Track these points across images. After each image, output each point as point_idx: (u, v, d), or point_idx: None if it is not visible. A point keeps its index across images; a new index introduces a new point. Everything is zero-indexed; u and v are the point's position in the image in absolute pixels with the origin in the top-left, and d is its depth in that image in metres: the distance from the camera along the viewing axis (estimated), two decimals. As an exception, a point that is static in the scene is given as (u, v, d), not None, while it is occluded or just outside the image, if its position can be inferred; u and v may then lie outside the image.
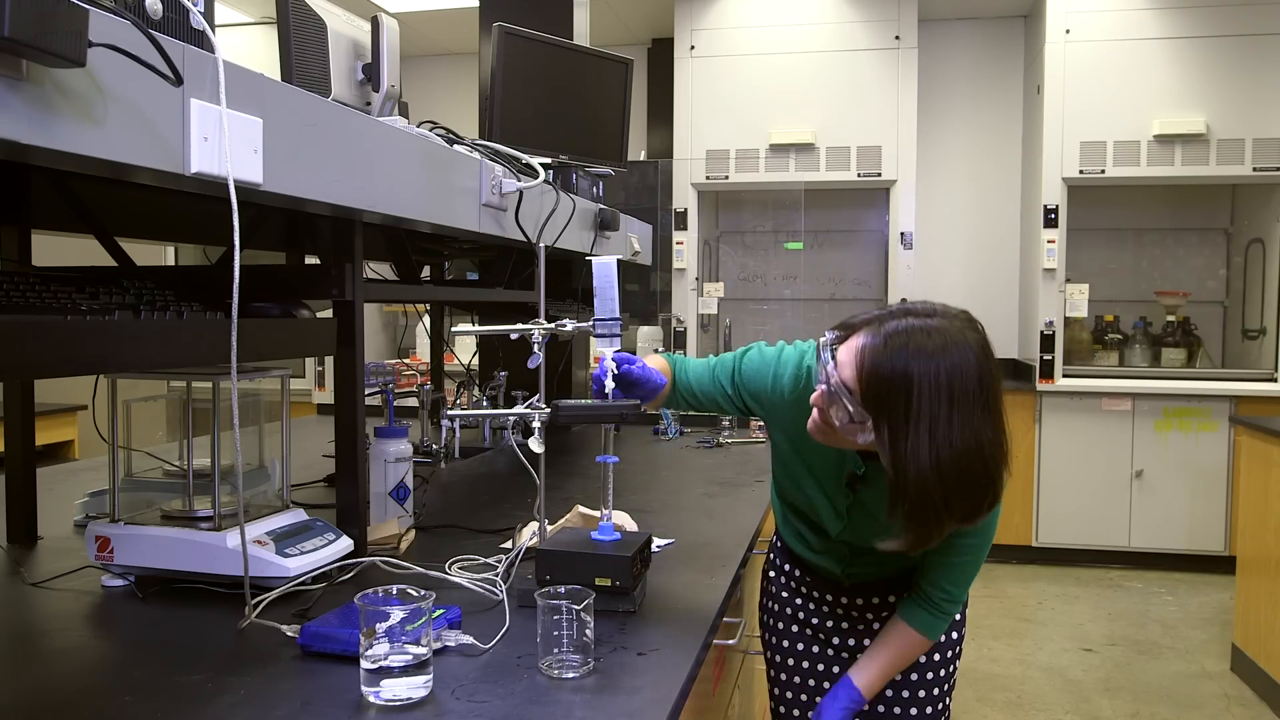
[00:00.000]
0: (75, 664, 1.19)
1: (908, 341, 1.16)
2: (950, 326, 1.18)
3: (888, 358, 1.16)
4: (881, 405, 1.17)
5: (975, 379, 1.16)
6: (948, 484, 1.15)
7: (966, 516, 1.20)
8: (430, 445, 2.56)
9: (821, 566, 1.60)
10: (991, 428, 1.17)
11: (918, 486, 1.16)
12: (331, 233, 1.55)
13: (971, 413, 1.15)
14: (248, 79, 1.11)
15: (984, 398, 1.16)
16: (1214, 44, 4.68)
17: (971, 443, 1.15)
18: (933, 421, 1.14)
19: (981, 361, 1.17)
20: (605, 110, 2.69)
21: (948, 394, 1.14)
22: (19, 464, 1.66)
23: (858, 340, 1.21)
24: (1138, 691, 3.40)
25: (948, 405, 1.14)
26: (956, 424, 1.14)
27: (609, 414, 1.36)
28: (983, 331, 1.22)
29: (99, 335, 1.05)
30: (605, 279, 1.39)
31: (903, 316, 1.20)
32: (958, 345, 1.16)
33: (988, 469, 1.17)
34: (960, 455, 1.14)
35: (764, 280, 5.65)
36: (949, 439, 1.14)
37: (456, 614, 1.25)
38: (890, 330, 1.18)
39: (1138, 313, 5.17)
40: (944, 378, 1.14)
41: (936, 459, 1.14)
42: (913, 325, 1.18)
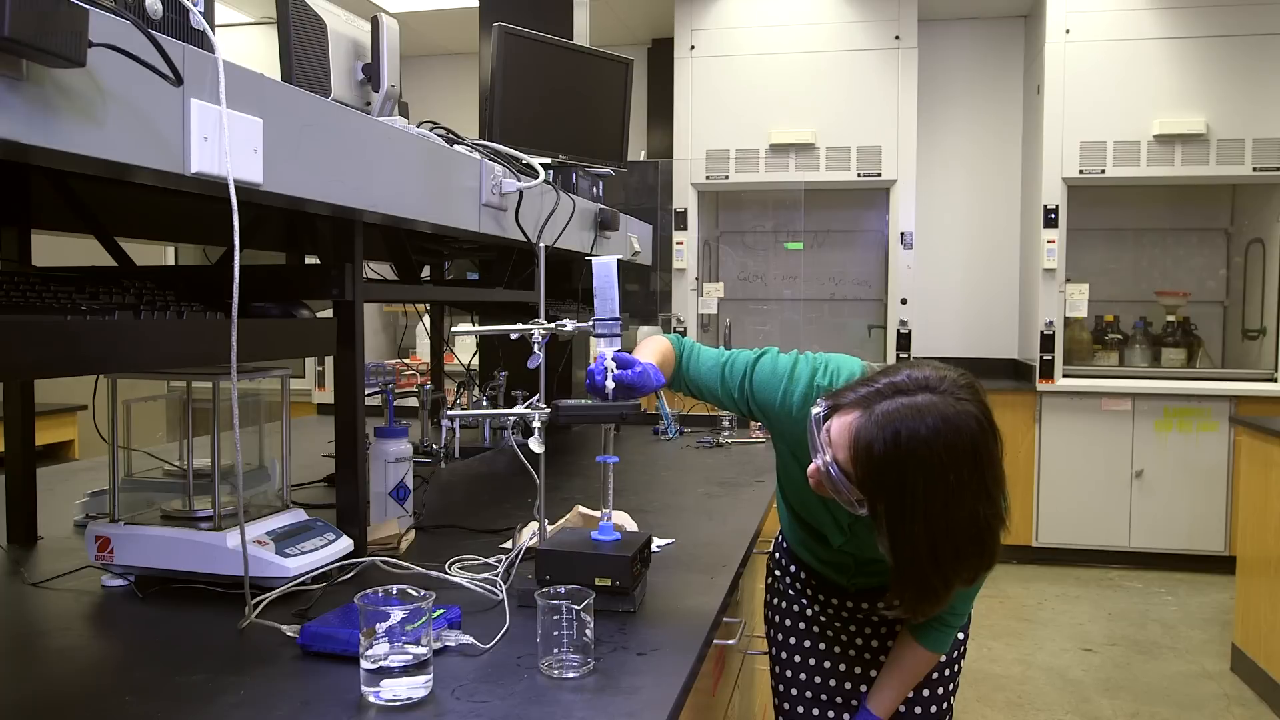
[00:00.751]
0: (75, 664, 1.19)
1: (900, 427, 1.13)
2: (942, 404, 1.14)
3: (880, 445, 1.14)
4: (877, 492, 1.16)
5: (970, 457, 1.13)
6: (944, 567, 1.16)
7: (966, 584, 1.21)
8: (430, 445, 2.56)
9: (827, 573, 1.60)
10: (988, 500, 1.15)
11: (915, 571, 1.17)
12: (331, 233, 1.55)
13: (966, 492, 1.13)
14: (248, 79, 1.11)
15: (979, 473, 1.14)
16: (1214, 44, 4.68)
17: (967, 523, 1.14)
18: (928, 510, 1.13)
19: (976, 435, 1.14)
20: (605, 110, 2.69)
21: (941, 482, 1.12)
22: (19, 464, 1.66)
23: (850, 419, 1.18)
24: (1138, 691, 3.40)
25: (942, 493, 1.12)
26: (953, 508, 1.13)
27: (609, 414, 1.36)
28: (978, 395, 1.18)
29: (99, 335, 1.05)
30: (605, 279, 1.39)
31: (893, 396, 1.16)
32: (950, 425, 1.13)
33: (984, 543, 1.16)
34: (957, 537, 1.14)
35: (764, 280, 5.65)
36: (946, 526, 1.13)
37: (456, 614, 1.25)
38: (881, 414, 1.15)
39: (1138, 313, 5.17)
40: (937, 464, 1.12)
41: (933, 547, 1.14)
42: (903, 406, 1.14)
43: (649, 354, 1.42)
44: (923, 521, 1.13)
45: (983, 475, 1.15)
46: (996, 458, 1.17)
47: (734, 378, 1.46)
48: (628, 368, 1.33)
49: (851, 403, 1.20)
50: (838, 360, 1.43)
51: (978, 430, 1.14)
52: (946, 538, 1.14)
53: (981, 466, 1.14)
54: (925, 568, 1.16)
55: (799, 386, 1.40)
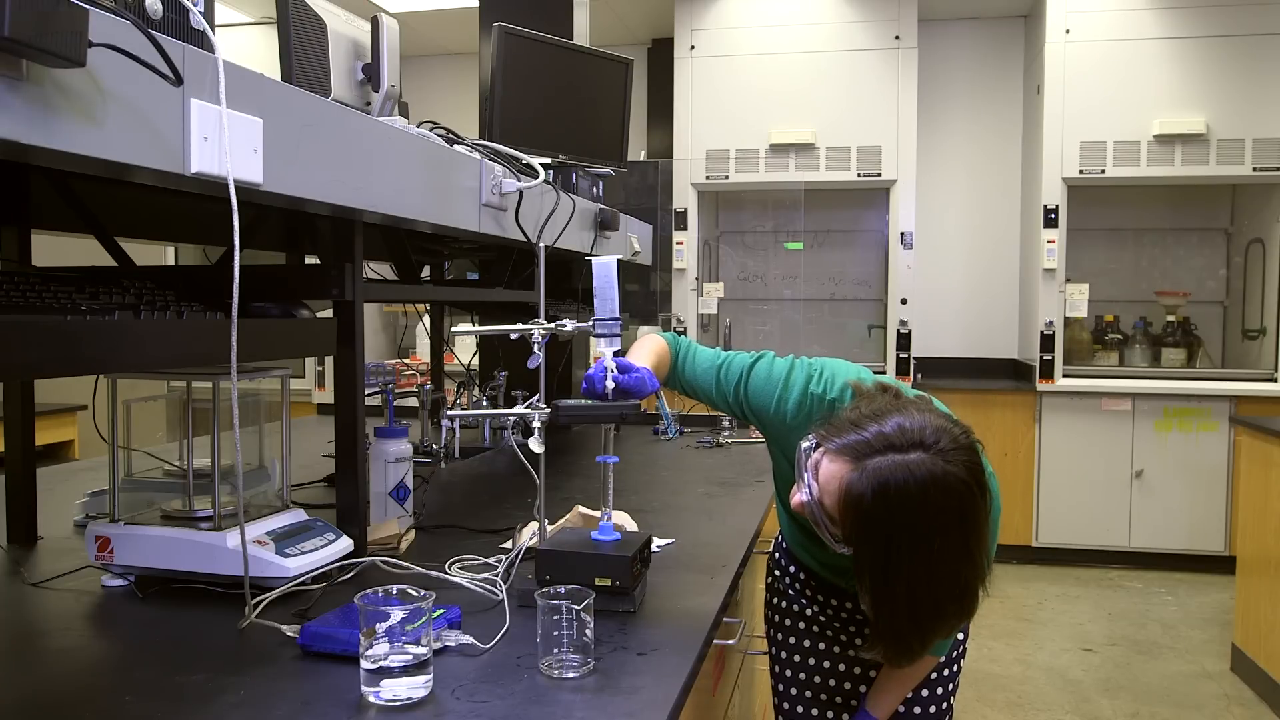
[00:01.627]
0: (75, 664, 1.19)
1: (889, 488, 1.11)
2: (932, 464, 1.12)
3: (869, 501, 1.12)
4: (861, 545, 1.16)
5: (956, 520, 1.12)
6: (923, 626, 1.17)
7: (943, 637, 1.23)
8: (430, 445, 2.56)
9: (826, 575, 1.60)
10: (971, 563, 1.14)
11: (893, 628, 1.18)
12: (331, 233, 1.55)
13: (950, 555, 1.13)
14: (248, 79, 1.11)
15: (964, 536, 1.14)
16: (1214, 44, 4.68)
17: (949, 584, 1.14)
18: (910, 571, 1.13)
19: (964, 498, 1.13)
20: (605, 110, 2.69)
21: (926, 545, 1.12)
22: (19, 464, 1.66)
23: (839, 469, 1.16)
24: (1138, 691, 3.40)
25: (926, 555, 1.12)
26: (936, 570, 1.13)
27: (609, 414, 1.36)
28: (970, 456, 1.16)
29: (99, 335, 1.05)
30: (605, 279, 1.39)
31: (885, 451, 1.14)
32: (939, 487, 1.11)
33: (963, 602, 1.16)
34: (939, 597, 1.14)
35: (764, 280, 5.65)
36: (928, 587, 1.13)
37: (456, 614, 1.25)
38: (872, 470, 1.13)
39: (1138, 313, 5.17)
40: (923, 527, 1.11)
41: (913, 607, 1.14)
42: (895, 464, 1.12)
43: (645, 355, 1.42)
44: (905, 582, 1.13)
45: (967, 538, 1.14)
46: (982, 521, 1.16)
47: (729, 381, 1.45)
48: (625, 372, 1.32)
49: (840, 449, 1.17)
50: (833, 366, 1.42)
51: (965, 494, 1.13)
52: (928, 598, 1.14)
53: (967, 530, 1.14)
54: (903, 626, 1.17)
55: (793, 394, 1.39)
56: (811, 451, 1.21)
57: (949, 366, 5.45)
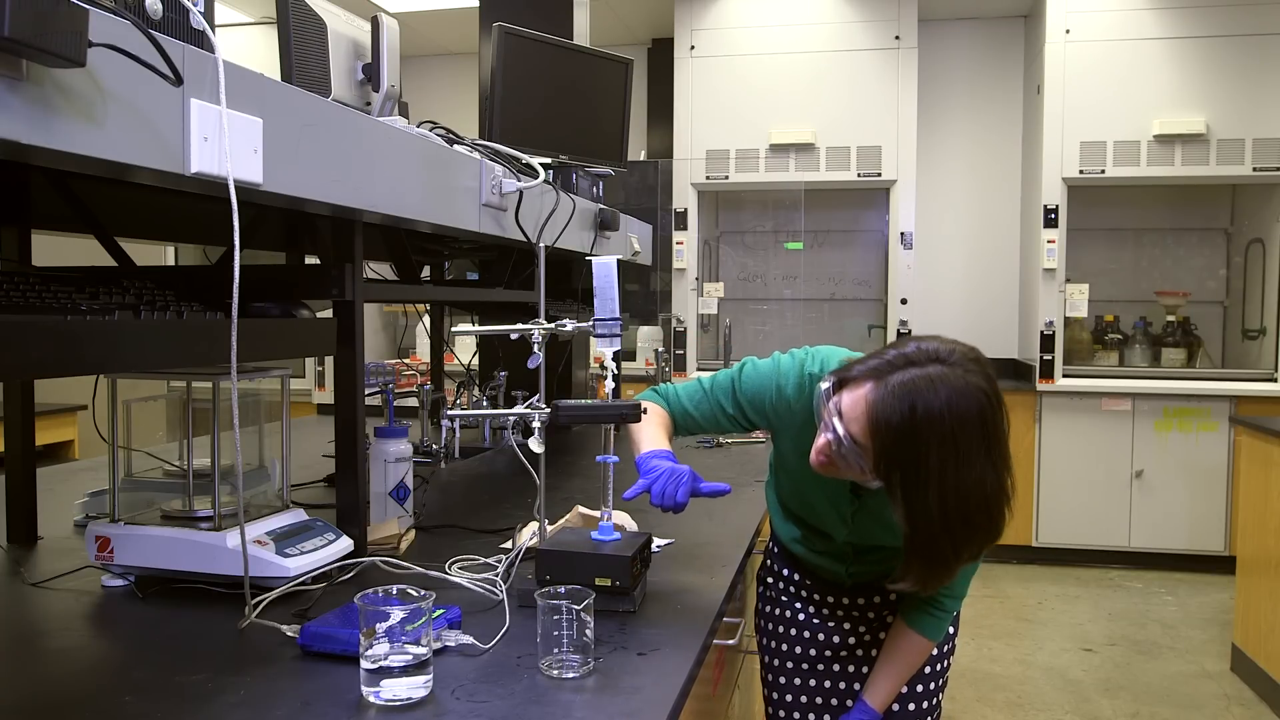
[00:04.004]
0: (75, 664, 1.19)
1: (915, 397, 1.16)
2: (953, 375, 1.18)
3: (896, 416, 1.17)
4: (893, 464, 1.19)
5: (979, 427, 1.17)
6: (955, 536, 1.19)
7: (973, 557, 1.25)
8: (430, 445, 2.56)
9: (823, 567, 1.60)
10: (994, 472, 1.18)
11: (927, 539, 1.20)
12: (331, 233, 1.55)
13: (975, 463, 1.17)
14: (248, 79, 1.11)
15: (986, 444, 1.18)
16: (1214, 44, 4.68)
17: (976, 494, 1.17)
18: (941, 479, 1.16)
19: (985, 407, 1.18)
20: (605, 110, 2.69)
21: (953, 450, 1.16)
22: (19, 464, 1.66)
23: (863, 392, 1.21)
24: (1138, 691, 3.40)
25: (954, 461, 1.16)
26: (964, 477, 1.16)
27: (609, 414, 1.36)
28: (985, 368, 1.22)
29: (99, 335, 1.05)
30: (605, 279, 1.39)
31: (905, 367, 1.19)
32: (962, 395, 1.17)
33: (990, 515, 1.19)
34: (967, 506, 1.17)
35: (764, 280, 5.65)
36: (957, 495, 1.17)
37: (456, 614, 1.25)
38: (896, 384, 1.18)
39: (1138, 313, 5.17)
40: (950, 433, 1.16)
41: (944, 515, 1.17)
42: (916, 378, 1.18)
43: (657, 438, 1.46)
44: (936, 490, 1.16)
45: (989, 446, 1.18)
46: (1003, 431, 1.21)
47: (723, 392, 1.50)
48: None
49: (862, 375, 1.23)
50: (823, 350, 1.46)
51: (986, 403, 1.18)
52: (957, 506, 1.17)
53: (990, 438, 1.18)
54: (938, 535, 1.19)
55: (790, 379, 1.43)
56: (831, 392, 1.25)
57: None
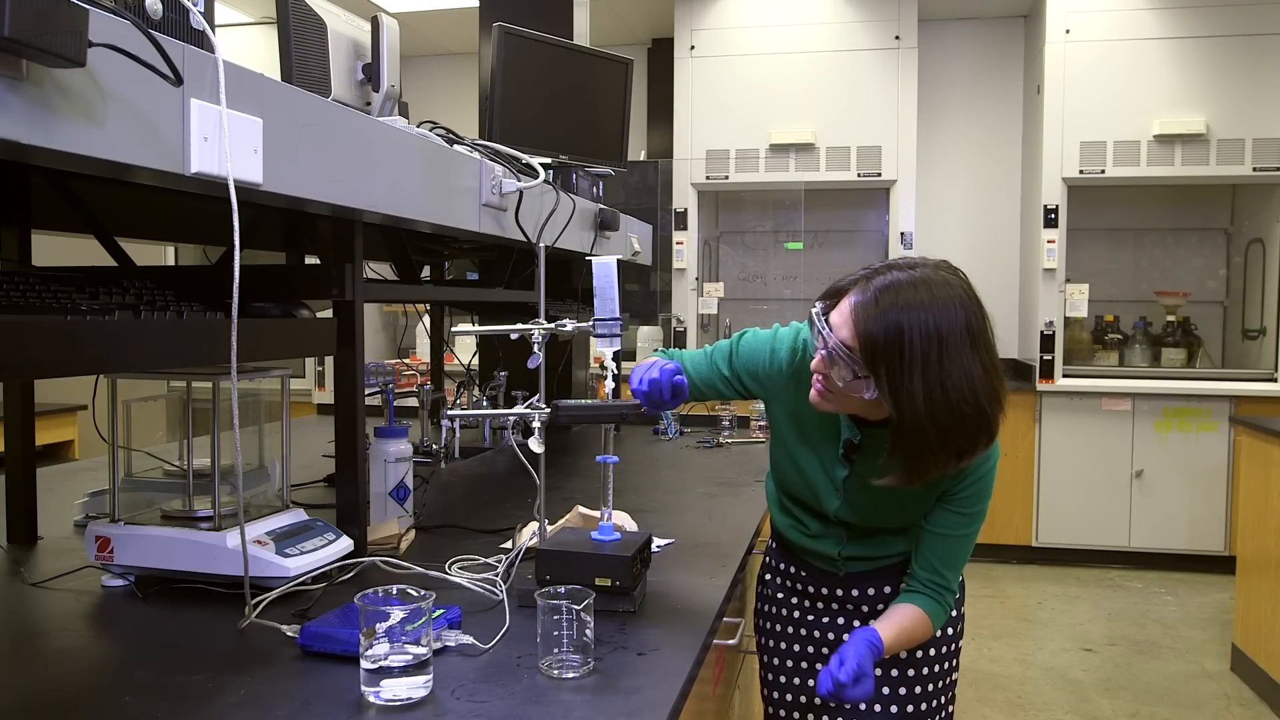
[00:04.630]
0: (75, 664, 1.19)
1: (896, 296, 1.24)
2: (934, 277, 1.26)
3: (880, 313, 1.24)
4: (879, 357, 1.25)
5: (962, 323, 1.24)
6: (939, 421, 1.24)
7: (961, 452, 1.29)
8: (430, 445, 2.56)
9: (818, 552, 1.59)
10: (979, 366, 1.25)
11: (914, 425, 1.25)
12: (331, 233, 1.55)
13: (959, 354, 1.23)
14: (248, 79, 1.11)
15: (970, 338, 1.25)
16: (1214, 44, 4.68)
17: (961, 382, 1.23)
18: (925, 366, 1.23)
19: (966, 306, 1.25)
20: (605, 110, 2.69)
21: (936, 340, 1.22)
22: (19, 464, 1.66)
23: (849, 300, 1.29)
24: (1138, 691, 3.40)
25: (937, 350, 1.23)
26: (946, 366, 1.23)
27: (609, 414, 1.36)
28: (965, 278, 1.30)
29: (99, 335, 1.05)
30: (605, 279, 1.39)
31: (887, 272, 1.28)
32: (943, 293, 1.25)
33: (978, 404, 1.25)
34: (951, 394, 1.23)
35: (764, 280, 5.65)
36: (940, 380, 1.23)
37: (456, 614, 1.25)
38: (879, 286, 1.26)
39: (1138, 313, 5.17)
40: (932, 326, 1.23)
41: (929, 399, 1.23)
42: (899, 279, 1.26)
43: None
44: (920, 377, 1.22)
45: (974, 341, 1.25)
46: (985, 332, 1.28)
47: (721, 358, 1.55)
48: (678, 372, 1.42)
49: (847, 286, 1.31)
50: None
51: (966, 299, 1.26)
52: (941, 395, 1.23)
53: (972, 332, 1.25)
54: (922, 420, 1.24)
55: (784, 344, 1.50)
56: (823, 312, 1.33)
57: None
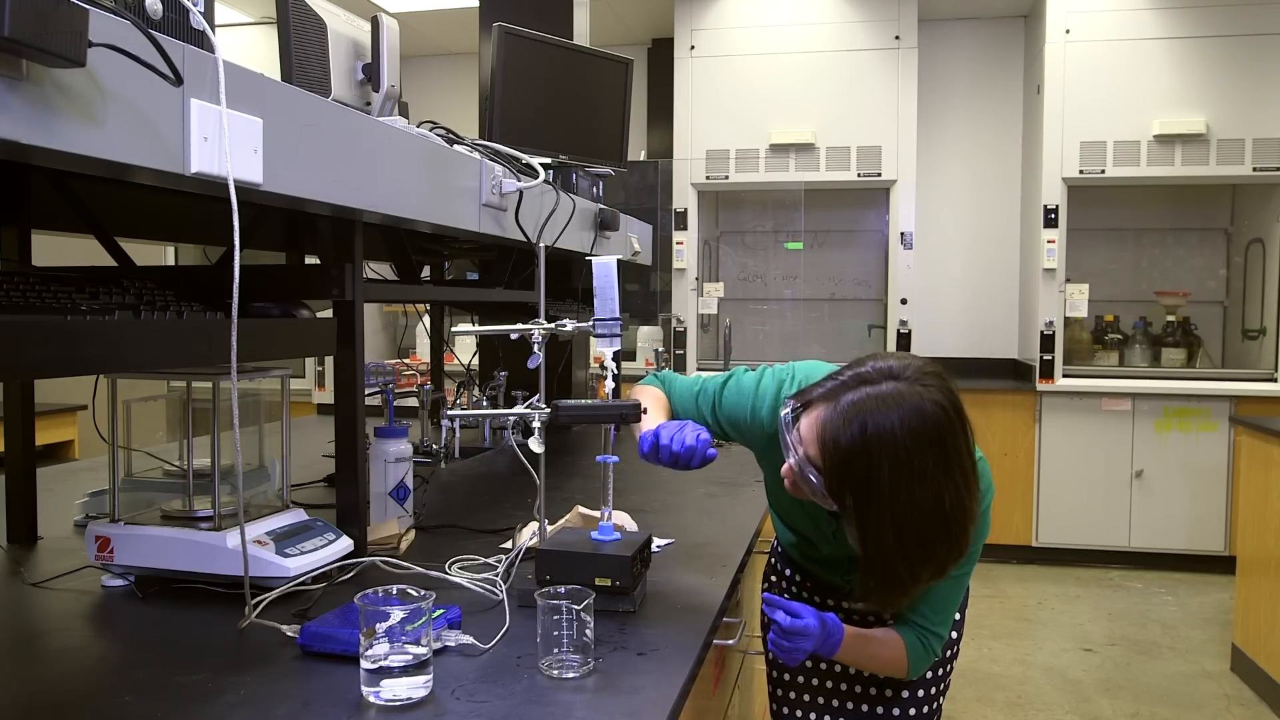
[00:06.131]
0: (75, 664, 1.19)
1: (865, 416, 1.16)
2: (906, 392, 1.17)
3: (846, 434, 1.17)
4: (844, 482, 1.18)
5: (935, 444, 1.16)
6: (910, 556, 1.18)
7: (933, 576, 1.23)
8: (430, 445, 2.56)
9: (821, 574, 1.60)
10: (953, 488, 1.17)
11: (882, 560, 1.19)
12: (331, 233, 1.55)
13: (931, 480, 1.15)
14: (248, 79, 1.11)
15: (944, 460, 1.16)
16: (1214, 44, 4.68)
17: (933, 511, 1.16)
18: (894, 499, 1.15)
19: (941, 423, 1.16)
20: (605, 110, 2.69)
21: (906, 470, 1.15)
22: (19, 464, 1.66)
23: (817, 414, 1.21)
24: (1138, 691, 3.40)
25: (907, 478, 1.15)
26: (918, 496, 1.15)
27: (609, 414, 1.36)
28: (944, 383, 1.21)
29: (99, 335, 1.05)
30: (605, 279, 1.39)
31: (857, 387, 1.19)
32: (915, 412, 1.16)
33: (950, 532, 1.18)
34: (924, 525, 1.16)
35: (764, 280, 5.65)
36: (912, 515, 1.15)
37: (456, 614, 1.25)
38: (846, 404, 1.18)
39: (1138, 313, 5.17)
40: (902, 452, 1.15)
41: (899, 535, 1.16)
42: (867, 396, 1.17)
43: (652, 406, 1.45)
44: (889, 510, 1.15)
45: (948, 463, 1.17)
46: (962, 447, 1.19)
47: (705, 405, 1.49)
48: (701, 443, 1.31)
49: (818, 398, 1.22)
50: (805, 368, 1.45)
51: (943, 418, 1.17)
52: (913, 525, 1.16)
53: (947, 454, 1.17)
54: (892, 556, 1.18)
55: (766, 400, 1.43)
56: (792, 417, 1.25)
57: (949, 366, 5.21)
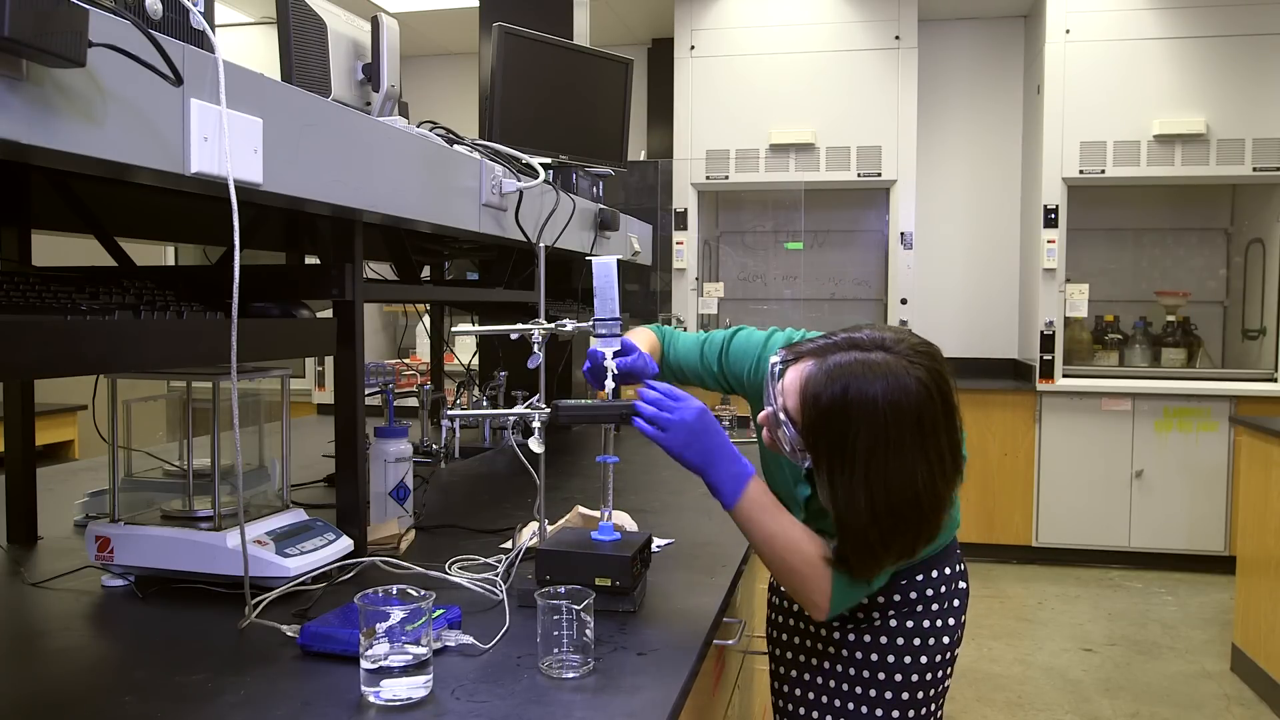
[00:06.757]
0: (75, 664, 1.19)
1: (849, 379, 1.16)
2: (894, 363, 1.17)
3: (828, 393, 1.17)
4: (820, 441, 1.19)
5: (913, 419, 1.16)
6: (882, 525, 1.18)
7: (902, 554, 1.22)
8: (430, 445, 2.56)
9: None
10: (925, 466, 1.17)
11: (854, 526, 1.19)
12: (331, 233, 1.55)
13: (905, 454, 1.15)
14: (248, 79, 1.11)
15: (920, 437, 1.16)
16: (1214, 44, 4.68)
17: (905, 485, 1.16)
18: (868, 465, 1.15)
19: (922, 400, 1.16)
20: (605, 110, 2.69)
21: (882, 439, 1.15)
22: (19, 464, 1.66)
23: (803, 368, 1.21)
24: (1138, 691, 3.40)
25: (882, 449, 1.15)
26: (892, 467, 1.15)
27: (609, 414, 1.36)
28: (932, 363, 1.20)
29: (99, 335, 1.05)
30: (605, 279, 1.39)
31: (848, 349, 1.20)
32: (899, 383, 1.16)
33: (921, 510, 1.18)
34: (893, 499, 1.16)
35: (764, 280, 5.65)
36: (884, 485, 1.15)
37: (456, 614, 1.25)
38: (833, 364, 1.19)
39: (1138, 313, 5.17)
40: (880, 421, 1.15)
41: (871, 503, 1.16)
42: (855, 360, 1.18)
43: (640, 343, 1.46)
44: (862, 476, 1.16)
45: (924, 440, 1.17)
46: (941, 426, 1.18)
47: (712, 353, 1.54)
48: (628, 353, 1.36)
49: (808, 353, 1.23)
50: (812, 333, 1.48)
51: (924, 396, 1.17)
52: (883, 495, 1.16)
53: (924, 432, 1.17)
54: (863, 522, 1.18)
55: (771, 352, 1.45)
56: (780, 367, 1.25)
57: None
